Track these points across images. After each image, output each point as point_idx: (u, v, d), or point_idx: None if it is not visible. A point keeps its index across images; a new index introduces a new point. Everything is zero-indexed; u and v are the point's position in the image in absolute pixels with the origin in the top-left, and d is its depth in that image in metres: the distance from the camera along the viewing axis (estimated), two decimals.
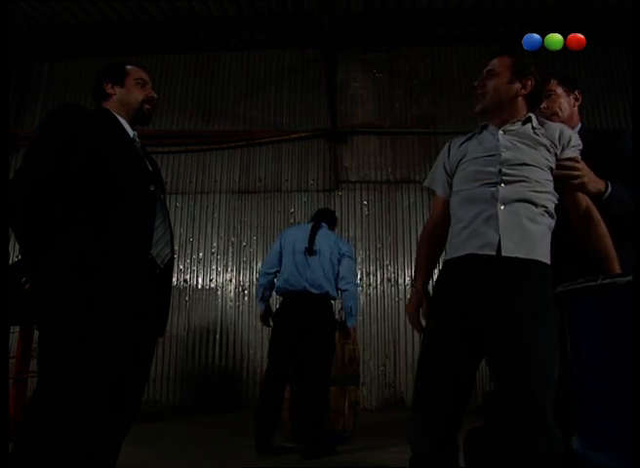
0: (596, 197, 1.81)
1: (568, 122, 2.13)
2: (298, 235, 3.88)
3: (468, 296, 1.66)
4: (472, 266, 1.68)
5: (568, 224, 1.87)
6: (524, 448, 1.46)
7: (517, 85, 1.81)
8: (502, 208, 1.68)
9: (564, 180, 1.75)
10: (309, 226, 3.93)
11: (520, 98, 1.83)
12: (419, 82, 6.55)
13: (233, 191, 6.36)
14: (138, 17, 6.11)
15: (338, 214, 6.10)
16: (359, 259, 6.02)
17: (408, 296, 1.82)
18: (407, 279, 5.91)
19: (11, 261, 5.45)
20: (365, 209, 6.20)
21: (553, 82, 2.18)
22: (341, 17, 5.80)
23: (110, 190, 1.76)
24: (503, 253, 1.63)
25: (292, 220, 6.07)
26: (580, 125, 2.19)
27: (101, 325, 1.64)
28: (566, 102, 2.17)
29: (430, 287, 1.88)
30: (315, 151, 6.42)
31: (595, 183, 1.79)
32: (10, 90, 6.09)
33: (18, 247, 1.74)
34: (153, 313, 1.88)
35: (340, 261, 3.79)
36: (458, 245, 1.76)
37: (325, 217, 4.07)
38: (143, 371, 1.93)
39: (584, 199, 1.81)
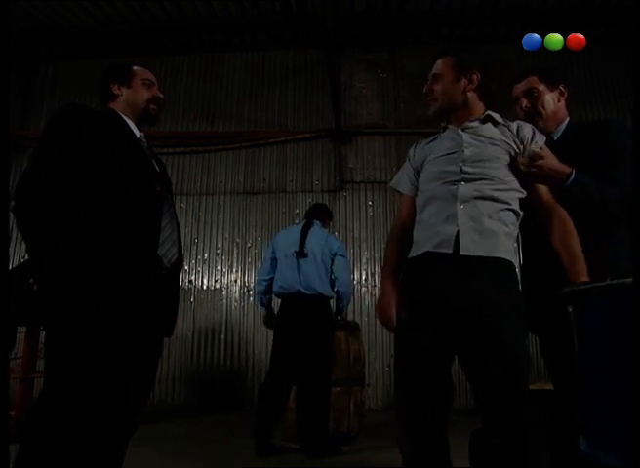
0: (559, 184, 1.79)
1: (553, 119, 2.08)
2: (289, 238, 3.86)
3: (429, 296, 1.66)
4: (430, 265, 1.68)
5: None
6: (513, 444, 1.49)
7: (464, 81, 1.83)
8: (462, 207, 1.68)
9: (527, 176, 1.74)
10: (299, 227, 3.91)
11: (471, 93, 1.84)
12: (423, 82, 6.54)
13: (238, 192, 6.37)
14: (141, 17, 6.13)
15: (342, 215, 6.16)
16: (364, 260, 6.03)
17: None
18: None
19: (16, 262, 5.49)
20: (370, 209, 6.20)
21: (534, 78, 2.10)
22: (344, 17, 5.80)
23: (114, 190, 1.76)
24: (462, 252, 1.62)
25: (297, 221, 6.07)
26: (567, 120, 2.11)
27: (101, 325, 1.64)
28: (550, 98, 2.08)
29: None
30: (320, 152, 6.42)
31: (558, 172, 1.76)
32: (15, 91, 6.11)
33: (21, 248, 1.75)
34: (156, 313, 1.88)
35: (332, 261, 3.76)
36: (419, 243, 1.77)
37: (317, 215, 4.03)
38: (149, 372, 1.92)
39: (547, 193, 1.78)
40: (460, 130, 1.82)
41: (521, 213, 1.75)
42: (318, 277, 3.67)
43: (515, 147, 1.78)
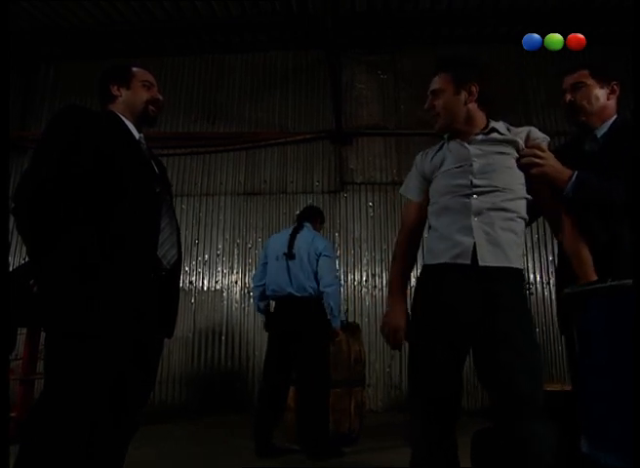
0: (560, 186, 1.82)
1: (599, 115, 2.05)
2: (279, 241, 3.87)
3: (448, 306, 1.70)
4: (447, 275, 1.73)
5: (604, 223, 1.88)
6: (528, 448, 1.50)
7: (464, 94, 1.85)
8: (476, 219, 1.72)
9: (526, 169, 1.79)
10: (289, 230, 3.91)
11: (472, 105, 1.86)
12: (423, 83, 6.53)
13: (238, 193, 6.37)
14: (141, 17, 6.12)
15: (343, 216, 6.16)
16: (364, 261, 6.02)
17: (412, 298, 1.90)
18: (412, 280, 5.89)
19: (17, 264, 5.49)
20: (370, 210, 6.19)
21: (585, 73, 2.07)
22: (345, 17, 5.81)
23: (113, 191, 1.76)
24: (481, 263, 1.67)
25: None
26: (614, 118, 2.07)
27: (101, 325, 1.64)
28: (599, 94, 2.05)
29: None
30: (320, 153, 6.42)
31: (559, 173, 1.81)
32: (15, 92, 6.08)
33: (22, 249, 1.75)
34: (156, 314, 1.88)
35: (317, 261, 3.74)
36: (435, 252, 1.80)
37: (307, 217, 4.03)
38: (149, 373, 1.93)
39: (548, 192, 1.83)
40: (466, 144, 1.84)
41: (527, 218, 1.80)
42: (306, 278, 3.67)
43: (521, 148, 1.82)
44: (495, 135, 1.84)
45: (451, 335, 1.68)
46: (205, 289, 6.13)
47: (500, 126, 1.86)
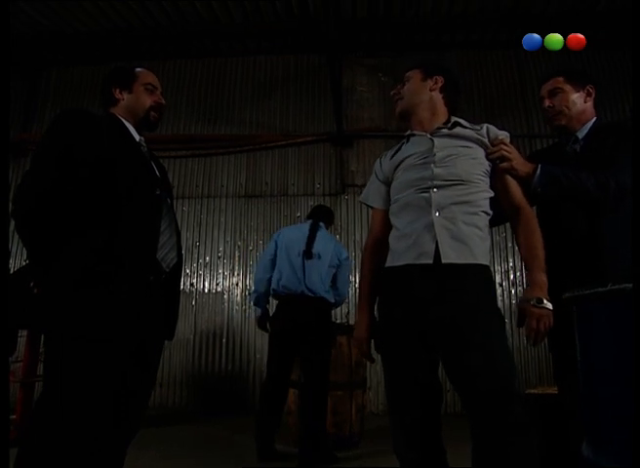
0: (526, 180, 1.84)
1: (578, 118, 2.09)
2: (294, 236, 3.73)
3: (411, 308, 1.66)
4: (411, 276, 1.68)
5: (581, 228, 1.91)
6: (509, 452, 1.48)
7: (429, 82, 1.90)
8: (437, 214, 1.69)
9: (495, 161, 1.79)
10: (306, 227, 3.79)
11: (435, 93, 1.90)
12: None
13: (240, 195, 6.37)
14: (144, 22, 6.14)
15: (344, 219, 6.16)
16: None
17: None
18: None
19: (17, 266, 5.49)
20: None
21: (560, 79, 2.12)
22: (347, 21, 5.84)
23: (115, 195, 1.76)
24: (443, 261, 1.63)
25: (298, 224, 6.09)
26: (593, 120, 2.11)
27: (104, 328, 1.65)
28: (576, 99, 2.10)
29: None
30: (321, 155, 6.43)
31: (524, 166, 1.83)
32: (18, 96, 6.10)
33: (20, 252, 1.75)
34: (159, 317, 1.88)
35: (338, 267, 3.70)
36: (397, 253, 1.76)
37: (322, 217, 3.93)
38: (149, 375, 1.93)
39: (518, 190, 1.82)
40: (429, 135, 1.84)
41: (491, 213, 1.77)
42: (322, 281, 3.59)
43: (484, 146, 1.82)
44: (458, 129, 1.84)
45: (425, 331, 1.64)
46: (206, 291, 6.13)
47: (464, 121, 1.87)
